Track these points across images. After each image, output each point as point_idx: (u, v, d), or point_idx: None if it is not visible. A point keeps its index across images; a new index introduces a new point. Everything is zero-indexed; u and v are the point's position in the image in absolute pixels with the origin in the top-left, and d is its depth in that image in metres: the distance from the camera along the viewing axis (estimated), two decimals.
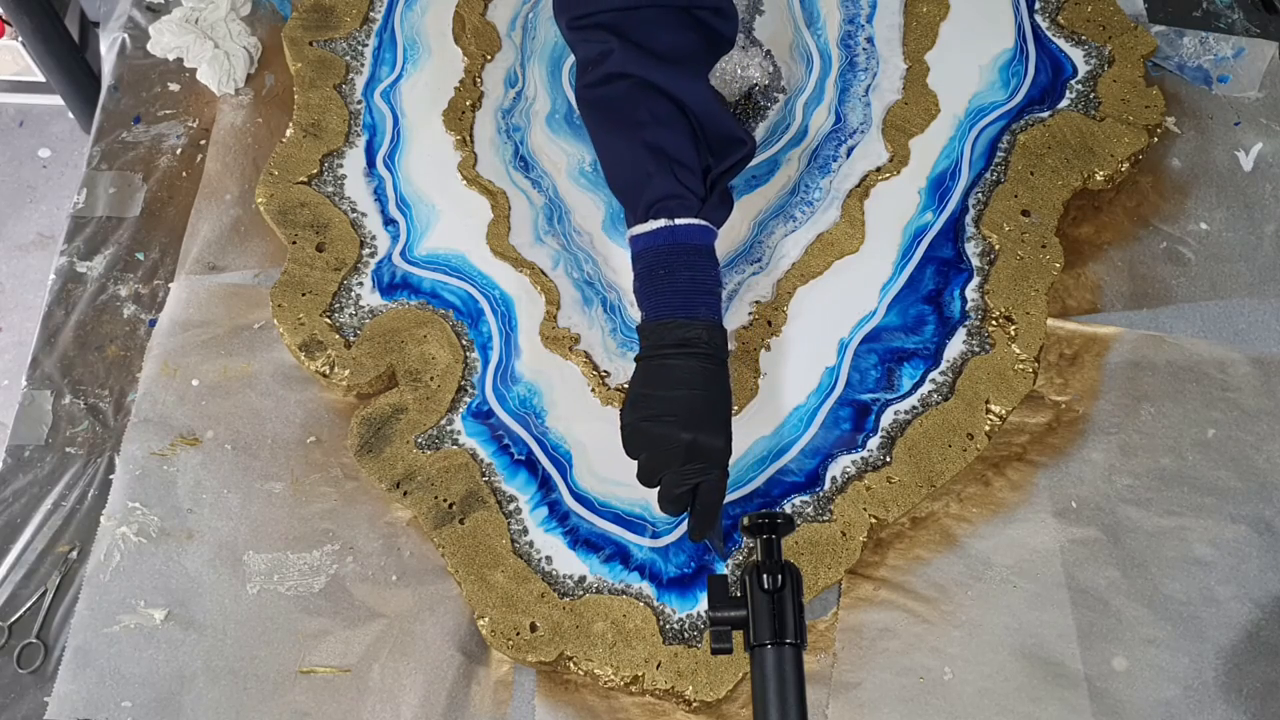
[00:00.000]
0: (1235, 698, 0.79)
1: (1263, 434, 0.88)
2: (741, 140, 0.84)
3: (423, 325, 0.89)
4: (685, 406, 0.75)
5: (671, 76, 0.81)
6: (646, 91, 0.81)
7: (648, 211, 0.80)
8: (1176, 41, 1.07)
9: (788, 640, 0.63)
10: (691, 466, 0.75)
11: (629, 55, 0.82)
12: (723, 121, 0.83)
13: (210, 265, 0.95)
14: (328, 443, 0.87)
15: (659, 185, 0.79)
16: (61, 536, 0.84)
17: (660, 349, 0.77)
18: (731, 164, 0.84)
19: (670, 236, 0.79)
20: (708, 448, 0.75)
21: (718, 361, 0.78)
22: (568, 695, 0.79)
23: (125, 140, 1.02)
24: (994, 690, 0.79)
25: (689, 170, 0.80)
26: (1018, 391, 0.87)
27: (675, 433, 0.74)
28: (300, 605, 0.81)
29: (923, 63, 1.03)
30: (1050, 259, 0.92)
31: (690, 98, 0.82)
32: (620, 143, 0.83)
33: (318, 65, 1.01)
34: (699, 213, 0.80)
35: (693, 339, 0.77)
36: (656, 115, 0.81)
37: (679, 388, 0.76)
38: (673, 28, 0.83)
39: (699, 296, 0.78)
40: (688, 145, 0.81)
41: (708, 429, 0.75)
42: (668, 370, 0.76)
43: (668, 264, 0.79)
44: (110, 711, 0.78)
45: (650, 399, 0.76)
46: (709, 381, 0.77)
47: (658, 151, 0.80)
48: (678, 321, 0.77)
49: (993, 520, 0.85)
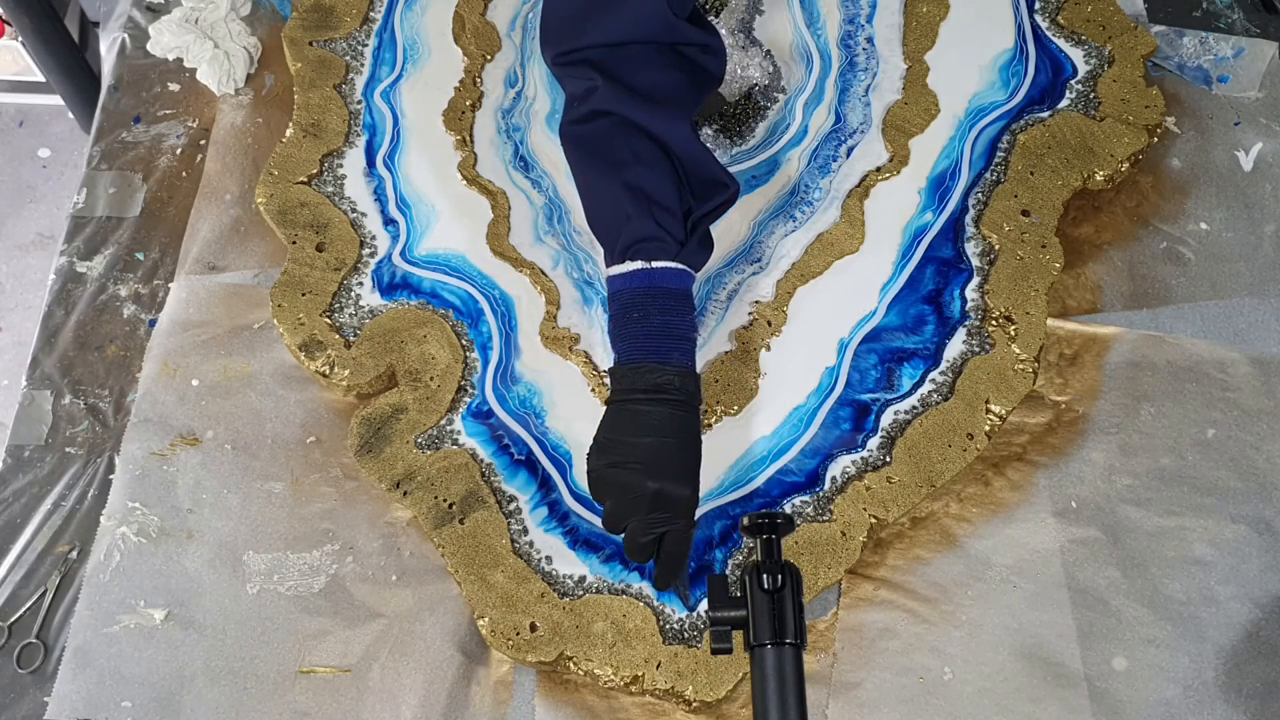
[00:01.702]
0: (1235, 698, 0.79)
1: (1263, 434, 0.88)
2: (724, 184, 0.83)
3: (423, 325, 0.89)
4: (653, 454, 0.74)
5: (655, 116, 0.80)
6: (629, 130, 0.80)
7: (625, 253, 0.79)
8: (1176, 41, 1.07)
9: (788, 640, 0.63)
10: (657, 516, 0.74)
11: (612, 93, 0.81)
12: (706, 164, 0.82)
13: (210, 265, 0.95)
14: (328, 443, 0.87)
15: (637, 227, 0.78)
16: (61, 536, 0.84)
17: (631, 394, 0.76)
18: (714, 207, 0.83)
19: (647, 279, 0.78)
20: (674, 497, 0.74)
21: (689, 409, 0.76)
22: (568, 695, 0.79)
23: (125, 140, 1.02)
24: (994, 690, 0.79)
25: (669, 212, 0.79)
26: (1018, 391, 0.87)
27: (642, 481, 0.73)
28: (300, 605, 0.81)
29: (922, 63, 1.03)
30: (1050, 259, 0.92)
31: (673, 138, 0.80)
32: (600, 181, 0.82)
33: (318, 65, 1.01)
34: (677, 256, 0.79)
35: (664, 385, 0.75)
36: (638, 155, 0.80)
37: (648, 434, 0.74)
38: (658, 66, 0.82)
39: (673, 342, 0.77)
40: (669, 187, 0.80)
41: (675, 478, 0.74)
42: (637, 416, 0.75)
43: (643, 307, 0.77)
44: (110, 711, 0.78)
45: (618, 445, 0.75)
46: (679, 429, 0.75)
47: (638, 192, 0.79)
48: (650, 366, 0.76)
49: (993, 520, 0.85)
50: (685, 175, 0.81)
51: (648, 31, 0.82)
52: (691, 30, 0.83)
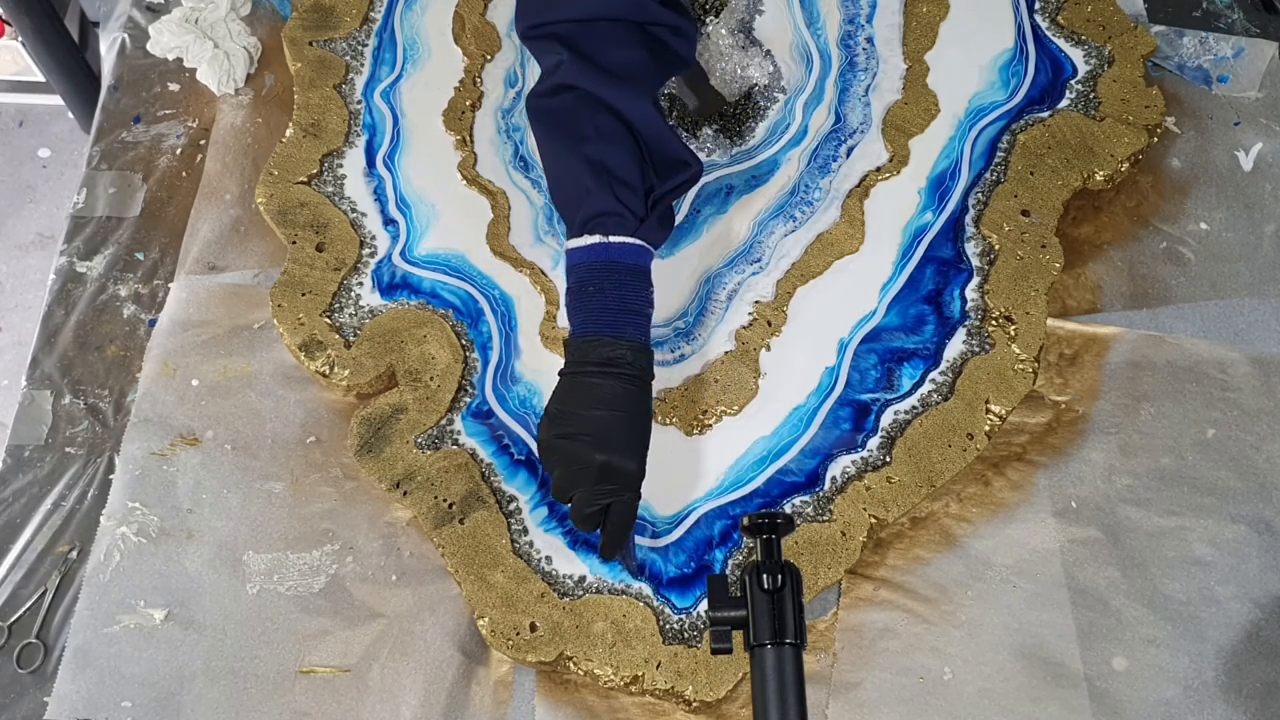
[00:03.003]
0: (1235, 698, 0.79)
1: (1263, 434, 0.88)
2: (686, 162, 0.83)
3: (422, 325, 0.89)
4: (601, 427, 0.75)
5: (619, 93, 0.81)
6: (593, 106, 0.81)
7: (584, 226, 0.79)
8: (1176, 41, 1.07)
9: (788, 640, 0.63)
10: (603, 487, 0.74)
11: (578, 68, 0.81)
12: (668, 142, 0.82)
13: (210, 265, 0.95)
14: (328, 443, 0.87)
15: (597, 201, 0.79)
16: (61, 536, 0.84)
17: (584, 366, 0.77)
18: (676, 185, 0.83)
19: (604, 254, 0.78)
20: (620, 470, 0.75)
21: (640, 384, 0.77)
22: (568, 695, 0.79)
23: (125, 140, 1.02)
24: (994, 690, 0.79)
25: (629, 188, 0.79)
26: (1018, 391, 0.87)
27: (589, 453, 0.74)
28: (300, 605, 0.81)
29: (922, 63, 1.03)
30: (1050, 259, 0.92)
31: (636, 116, 0.81)
32: (563, 155, 0.82)
33: (318, 65, 1.01)
34: (635, 232, 0.79)
35: (617, 359, 0.76)
36: (601, 130, 0.80)
37: (597, 407, 0.75)
38: (626, 44, 0.83)
39: (627, 316, 0.78)
40: (630, 163, 0.80)
41: (621, 451, 0.75)
42: (589, 389, 0.76)
43: (599, 281, 0.78)
44: (110, 711, 0.78)
45: (568, 416, 0.76)
46: (629, 403, 0.76)
47: (598, 167, 0.80)
48: (603, 340, 0.77)
49: (993, 520, 0.85)
50: (648, 153, 0.82)
51: (617, 9, 0.83)
52: (662, 11, 0.84)
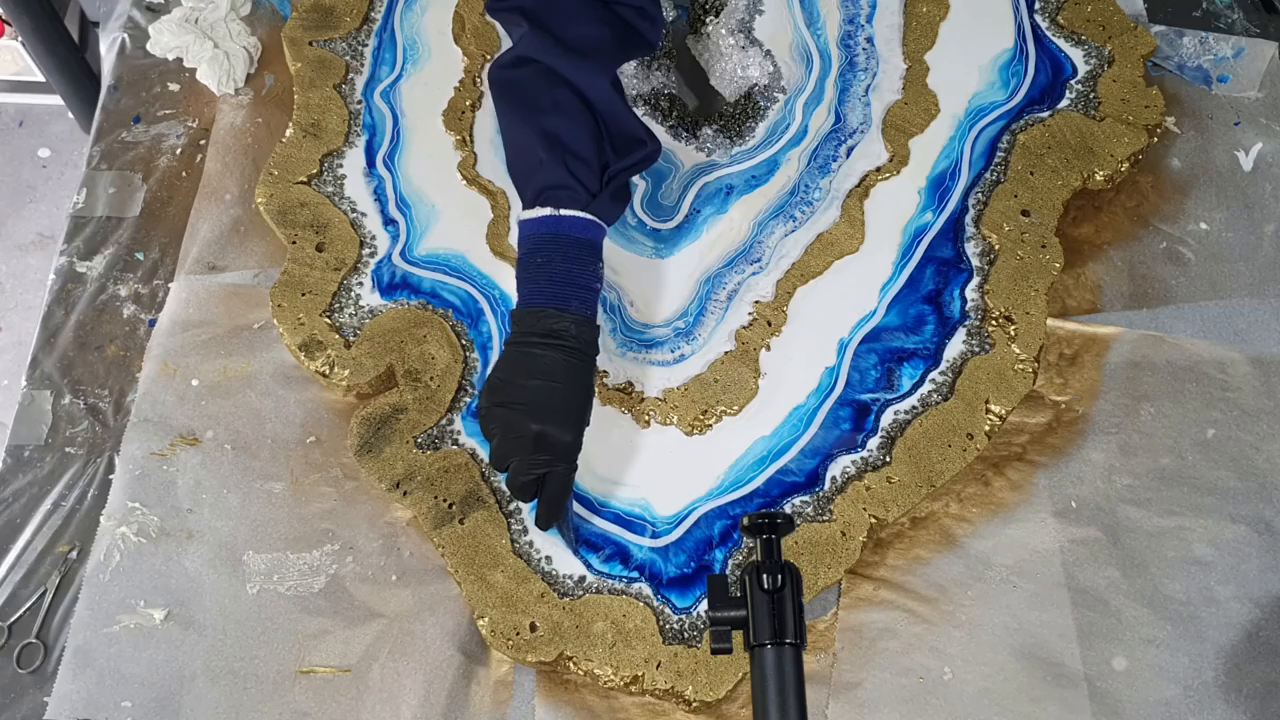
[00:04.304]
0: (1235, 698, 0.79)
1: (1263, 434, 0.88)
2: (642, 140, 0.84)
3: (422, 325, 0.89)
4: (539, 397, 0.76)
5: (576, 68, 0.82)
6: (551, 79, 0.82)
7: (535, 198, 0.80)
8: (1176, 41, 1.07)
9: (788, 640, 0.63)
10: (538, 457, 0.76)
11: (539, 41, 0.82)
12: (625, 119, 0.83)
13: (210, 265, 0.95)
14: (328, 443, 0.87)
15: (549, 173, 0.80)
16: (61, 536, 0.84)
17: (527, 337, 0.78)
18: (632, 163, 0.84)
19: (554, 226, 0.79)
20: (555, 441, 0.76)
21: (582, 357, 0.78)
22: (568, 695, 0.79)
23: (125, 140, 1.02)
24: (994, 690, 0.79)
25: (583, 162, 0.80)
26: (1018, 391, 0.87)
27: (525, 422, 0.75)
28: (300, 605, 0.81)
29: (922, 63, 1.03)
30: (1050, 259, 0.92)
31: (593, 92, 0.82)
32: (519, 127, 0.83)
33: (318, 65, 1.01)
34: (587, 206, 0.80)
35: (560, 331, 0.77)
36: (558, 104, 0.81)
37: (537, 378, 0.76)
38: (588, 20, 0.83)
39: (573, 290, 0.79)
40: (585, 138, 0.81)
41: (558, 422, 0.76)
42: (530, 359, 0.77)
43: (547, 253, 0.79)
44: (110, 711, 0.78)
45: (507, 385, 0.77)
46: (568, 375, 0.77)
47: (553, 139, 0.80)
48: (547, 312, 0.78)
49: (993, 520, 0.85)
50: (606, 129, 0.82)
51: None
52: None
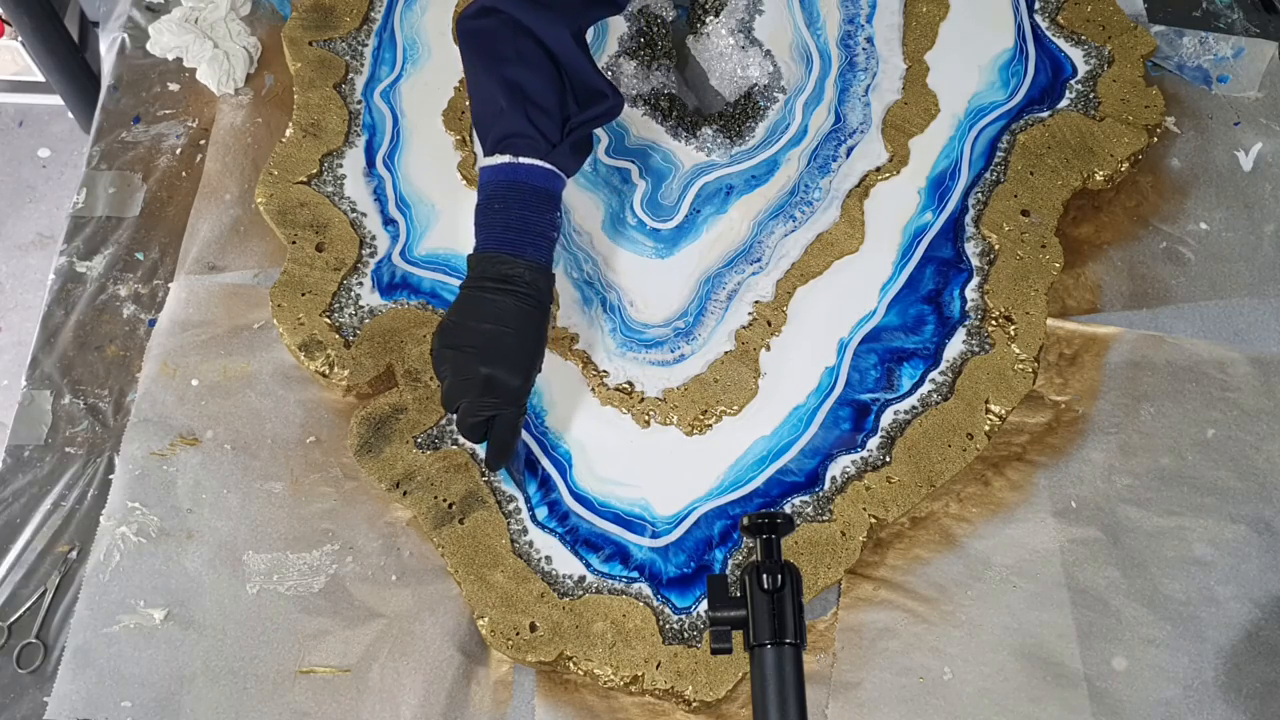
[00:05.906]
0: (1235, 698, 0.79)
1: (1263, 434, 0.88)
2: (604, 93, 0.85)
3: (422, 325, 0.89)
4: (490, 341, 0.77)
5: (539, 19, 0.82)
6: (515, 30, 0.83)
7: (495, 146, 0.81)
8: (1176, 41, 1.07)
9: (788, 640, 0.63)
10: (487, 400, 0.77)
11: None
12: (587, 72, 0.84)
13: (210, 265, 0.95)
14: (327, 443, 0.87)
15: (509, 122, 0.81)
16: (61, 536, 0.84)
17: (481, 281, 0.79)
18: (594, 115, 0.85)
19: (512, 174, 0.80)
20: (504, 385, 0.77)
21: (535, 304, 0.79)
22: (567, 695, 0.79)
23: (125, 140, 1.02)
24: (994, 690, 0.79)
25: (543, 113, 0.81)
26: (1017, 391, 0.87)
27: (475, 365, 0.77)
28: (300, 605, 0.81)
29: (922, 63, 1.03)
30: (1050, 259, 0.92)
31: (556, 43, 0.83)
32: (483, 76, 0.84)
33: (317, 65, 1.01)
34: (546, 156, 0.81)
35: (514, 277, 0.79)
36: (521, 54, 0.82)
37: (488, 321, 0.78)
38: None
39: (529, 237, 0.80)
40: (547, 89, 0.82)
41: (507, 366, 0.77)
42: (482, 303, 0.78)
43: (504, 200, 0.80)
44: (110, 711, 0.78)
45: (460, 329, 0.78)
46: (520, 321, 0.78)
47: (515, 89, 0.81)
48: (502, 257, 0.79)
49: (993, 520, 0.85)
50: (569, 82, 0.83)
51: None
52: None
